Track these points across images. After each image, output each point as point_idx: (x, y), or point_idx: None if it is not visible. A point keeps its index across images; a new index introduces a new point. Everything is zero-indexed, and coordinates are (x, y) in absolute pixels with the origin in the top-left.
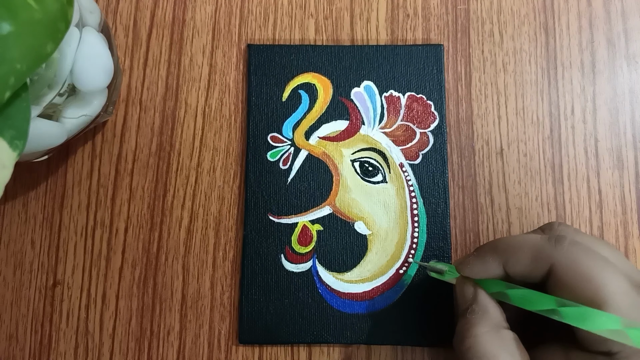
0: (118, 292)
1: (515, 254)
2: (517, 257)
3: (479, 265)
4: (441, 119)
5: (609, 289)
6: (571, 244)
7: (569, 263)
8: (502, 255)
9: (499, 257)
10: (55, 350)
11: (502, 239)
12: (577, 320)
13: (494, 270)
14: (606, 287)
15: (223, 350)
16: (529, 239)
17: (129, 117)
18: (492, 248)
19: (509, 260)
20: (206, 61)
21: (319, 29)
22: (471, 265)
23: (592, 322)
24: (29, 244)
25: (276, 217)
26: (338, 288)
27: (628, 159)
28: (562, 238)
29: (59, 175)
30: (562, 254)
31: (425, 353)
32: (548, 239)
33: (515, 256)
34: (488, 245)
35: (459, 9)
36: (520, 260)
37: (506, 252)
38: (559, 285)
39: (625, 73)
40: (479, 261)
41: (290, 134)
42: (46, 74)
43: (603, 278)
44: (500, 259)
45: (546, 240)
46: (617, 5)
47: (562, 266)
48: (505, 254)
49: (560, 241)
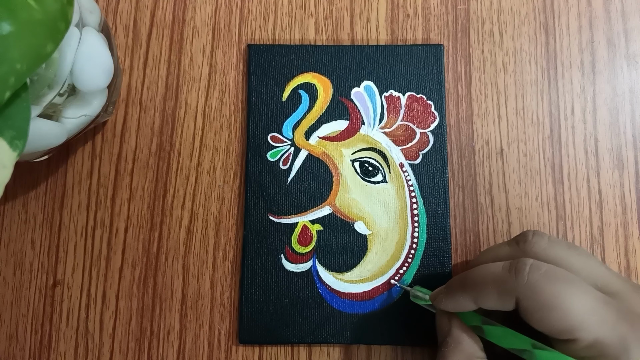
0: (118, 292)
1: (482, 290)
2: (484, 294)
3: (450, 301)
4: (441, 119)
5: (574, 314)
6: (531, 272)
7: (530, 295)
8: (470, 292)
9: (467, 294)
10: (55, 350)
11: (468, 273)
12: None
13: (466, 305)
14: (571, 313)
15: (223, 350)
16: (491, 273)
17: (129, 117)
18: (460, 284)
19: (477, 297)
20: (206, 61)
21: (319, 29)
22: (444, 302)
23: None
24: (29, 244)
25: (276, 217)
26: (338, 288)
27: (628, 159)
28: (522, 267)
29: (59, 175)
30: (523, 285)
31: (425, 353)
32: (509, 270)
33: (483, 293)
34: (456, 281)
35: (459, 9)
36: (487, 296)
37: (473, 288)
38: (527, 317)
39: (625, 73)
40: (450, 297)
41: (290, 134)
42: (46, 74)
43: (566, 304)
44: (469, 296)
45: (507, 272)
46: (617, 5)
47: (526, 299)
48: (473, 291)
49: (519, 271)
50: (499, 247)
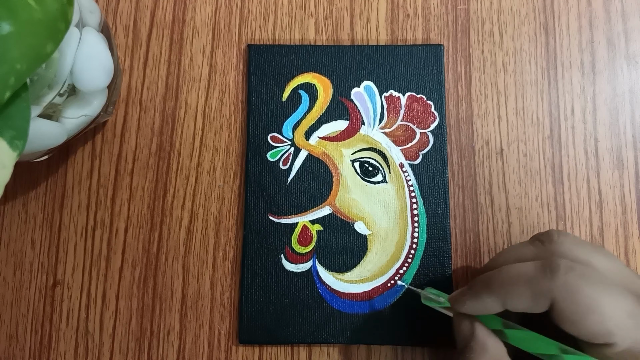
0: (118, 292)
1: (513, 291)
2: (515, 295)
3: (475, 303)
4: (441, 119)
5: (612, 318)
6: (567, 272)
7: (568, 296)
8: (498, 292)
9: (495, 295)
10: (55, 350)
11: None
12: None
13: (493, 308)
14: (609, 317)
15: (223, 350)
16: (523, 273)
17: (129, 117)
18: (486, 285)
19: (507, 298)
20: (206, 61)
21: (319, 29)
22: (467, 304)
23: None
24: (29, 244)
25: (276, 217)
26: (338, 288)
27: (628, 159)
28: (557, 267)
29: (59, 175)
30: (560, 286)
31: (425, 353)
32: (543, 270)
33: (513, 294)
34: (481, 281)
35: (459, 9)
36: (519, 297)
37: (502, 289)
38: (561, 320)
39: (625, 73)
40: (475, 299)
41: (290, 134)
42: (46, 74)
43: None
44: (497, 297)
45: (541, 271)
46: (617, 5)
47: (562, 300)
48: (502, 291)
49: (555, 271)
50: (521, 246)
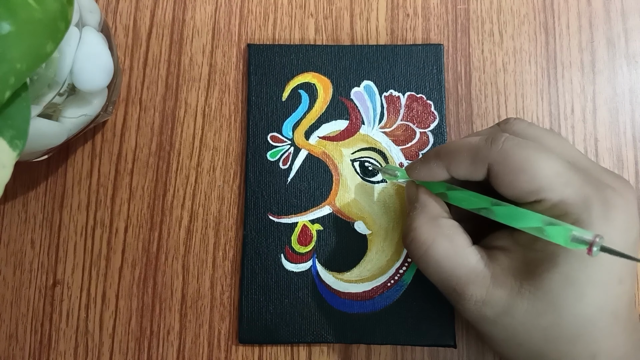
0: (118, 291)
1: (455, 158)
2: (458, 161)
3: (424, 169)
4: (441, 119)
5: (542, 176)
6: (507, 141)
7: (502, 160)
8: (444, 159)
9: (442, 161)
10: (55, 350)
11: (446, 144)
12: (507, 219)
13: (439, 174)
14: (540, 175)
15: (223, 350)
16: (468, 142)
17: (129, 116)
18: (435, 153)
19: (450, 164)
20: (206, 61)
21: (319, 29)
22: (418, 169)
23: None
24: (29, 243)
25: (276, 216)
26: (338, 288)
27: (628, 159)
28: (498, 137)
29: (59, 175)
30: (496, 152)
31: (425, 353)
32: (485, 140)
33: (456, 160)
34: (433, 151)
35: (459, 8)
36: (461, 163)
37: (447, 156)
38: (498, 183)
39: (625, 73)
40: (425, 166)
41: (290, 134)
42: (46, 74)
43: (535, 166)
44: (443, 164)
45: (483, 141)
46: (617, 5)
47: (498, 164)
48: (447, 159)
49: (495, 140)
50: (482, 130)
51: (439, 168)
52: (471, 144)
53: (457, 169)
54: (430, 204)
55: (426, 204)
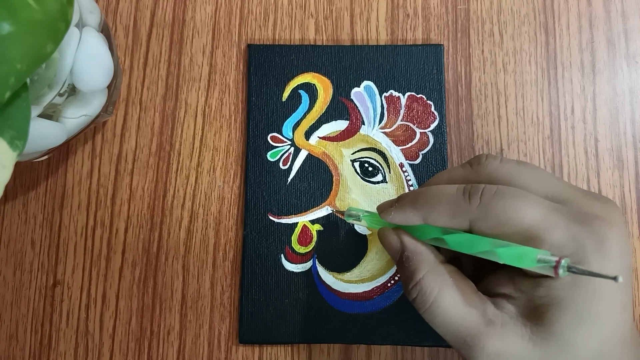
0: (118, 292)
1: (434, 210)
2: (437, 214)
3: (399, 216)
4: (441, 119)
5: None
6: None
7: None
8: (421, 210)
9: (419, 212)
10: (55, 350)
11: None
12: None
13: (413, 221)
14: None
15: (223, 350)
16: (446, 194)
17: (129, 117)
18: (412, 200)
19: (429, 216)
20: (206, 61)
21: (319, 29)
22: (393, 215)
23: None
24: (29, 244)
25: (276, 217)
26: (338, 288)
27: (628, 159)
28: (475, 190)
29: (59, 175)
30: (476, 208)
31: (425, 353)
32: (463, 193)
33: (435, 212)
34: (409, 196)
35: (459, 9)
36: (440, 217)
37: (425, 207)
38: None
39: (625, 73)
40: (400, 212)
41: (290, 134)
42: (46, 74)
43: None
44: (419, 213)
45: (461, 194)
46: (617, 5)
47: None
48: (424, 210)
49: (473, 195)
50: (454, 169)
51: (414, 216)
52: (449, 196)
53: (437, 221)
54: (423, 251)
55: (419, 251)
